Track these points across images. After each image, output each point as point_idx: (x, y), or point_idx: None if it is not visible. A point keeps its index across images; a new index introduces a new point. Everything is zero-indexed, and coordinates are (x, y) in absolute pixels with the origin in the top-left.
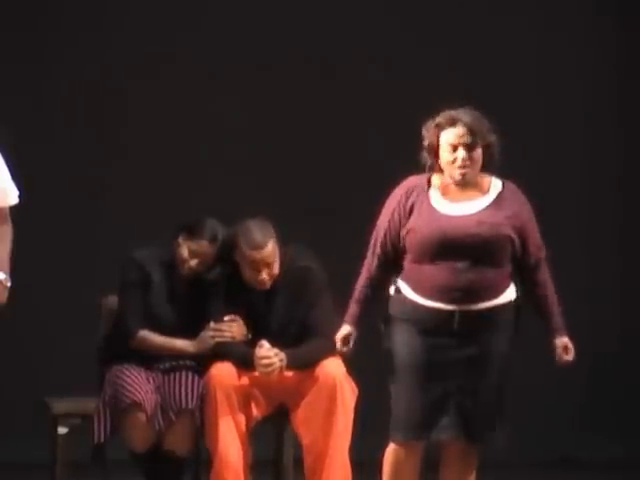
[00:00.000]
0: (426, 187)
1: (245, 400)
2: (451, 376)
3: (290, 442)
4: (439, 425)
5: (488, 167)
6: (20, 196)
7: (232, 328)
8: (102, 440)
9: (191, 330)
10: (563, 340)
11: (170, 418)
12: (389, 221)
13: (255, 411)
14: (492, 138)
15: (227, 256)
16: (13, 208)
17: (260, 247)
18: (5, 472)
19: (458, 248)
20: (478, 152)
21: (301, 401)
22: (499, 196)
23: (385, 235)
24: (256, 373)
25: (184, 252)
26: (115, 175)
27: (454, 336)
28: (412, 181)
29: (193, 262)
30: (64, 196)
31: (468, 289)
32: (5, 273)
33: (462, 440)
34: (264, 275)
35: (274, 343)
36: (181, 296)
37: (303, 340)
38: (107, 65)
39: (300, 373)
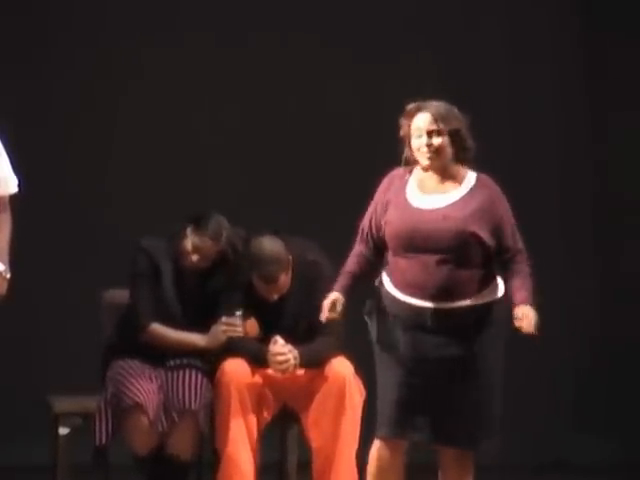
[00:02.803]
0: (406, 178)
1: (257, 400)
2: (431, 374)
3: (295, 445)
4: (415, 425)
5: (460, 157)
6: (20, 186)
7: (245, 324)
8: (104, 442)
9: (200, 324)
10: (523, 308)
11: (173, 419)
12: (372, 212)
13: (265, 413)
14: (460, 126)
15: (235, 257)
16: (14, 199)
17: (272, 282)
18: (5, 474)
19: (427, 243)
20: (443, 139)
21: (311, 402)
22: (471, 190)
23: (370, 223)
24: (269, 370)
25: (188, 245)
26: (117, 168)
27: (431, 334)
28: (396, 172)
29: (194, 257)
30: (66, 188)
31: (440, 286)
32: (4, 264)
33: (434, 443)
34: (274, 296)
35: (286, 339)
36: (190, 290)
37: (313, 336)
38: (104, 57)
39: (309, 372)
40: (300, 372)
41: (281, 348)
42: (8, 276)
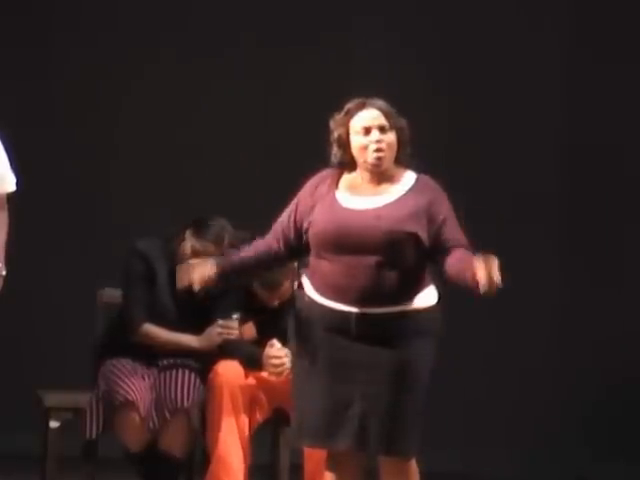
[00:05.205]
0: (336, 180)
1: (250, 402)
2: (354, 381)
3: (287, 446)
4: (338, 433)
5: (401, 158)
6: (18, 184)
7: (241, 327)
8: (93, 436)
9: (194, 326)
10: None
11: (165, 417)
12: (293, 210)
13: (258, 414)
14: (403, 123)
15: None
16: (11, 197)
17: (275, 289)
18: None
19: (355, 244)
20: (392, 136)
21: None
22: (409, 190)
23: (288, 222)
24: (263, 374)
25: (187, 248)
26: (113, 168)
27: (355, 339)
28: (325, 173)
29: (193, 260)
30: (62, 187)
31: (366, 290)
32: (1, 262)
33: (359, 451)
34: (275, 302)
35: (283, 343)
36: (186, 292)
37: None
38: (106, 57)
39: None
40: None
41: (277, 352)
42: (4, 273)
